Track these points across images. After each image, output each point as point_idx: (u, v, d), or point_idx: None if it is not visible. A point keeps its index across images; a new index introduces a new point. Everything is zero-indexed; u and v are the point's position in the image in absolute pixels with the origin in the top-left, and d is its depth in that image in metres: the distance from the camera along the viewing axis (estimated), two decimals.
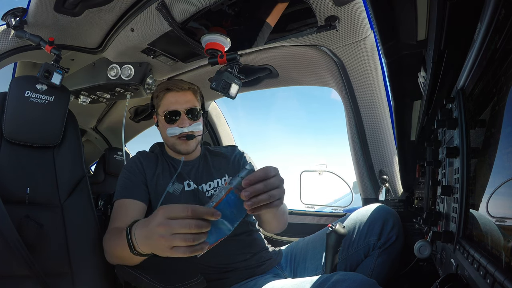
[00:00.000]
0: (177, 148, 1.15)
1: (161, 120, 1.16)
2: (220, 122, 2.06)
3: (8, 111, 1.09)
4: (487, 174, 0.46)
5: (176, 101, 1.12)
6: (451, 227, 0.65)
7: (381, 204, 1.19)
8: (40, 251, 0.98)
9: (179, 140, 1.13)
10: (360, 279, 0.74)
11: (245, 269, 1.06)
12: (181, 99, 1.12)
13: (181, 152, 1.15)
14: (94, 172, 2.45)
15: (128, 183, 1.09)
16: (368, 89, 1.23)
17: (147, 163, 1.14)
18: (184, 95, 1.13)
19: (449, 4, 0.46)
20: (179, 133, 1.11)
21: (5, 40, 1.19)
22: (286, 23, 1.06)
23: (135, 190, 1.07)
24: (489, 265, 0.40)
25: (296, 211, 1.63)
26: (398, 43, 0.66)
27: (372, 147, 1.35)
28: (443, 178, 0.78)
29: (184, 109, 1.12)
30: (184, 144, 1.13)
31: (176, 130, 1.11)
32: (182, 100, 1.12)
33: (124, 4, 1.02)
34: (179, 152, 1.16)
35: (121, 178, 1.12)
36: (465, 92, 0.60)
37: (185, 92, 1.14)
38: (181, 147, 1.14)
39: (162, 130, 1.17)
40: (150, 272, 0.86)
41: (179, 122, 1.12)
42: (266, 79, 1.52)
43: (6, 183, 1.03)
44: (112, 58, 1.33)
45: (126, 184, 1.09)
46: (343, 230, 0.99)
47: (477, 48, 0.47)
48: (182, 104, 1.12)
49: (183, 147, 1.14)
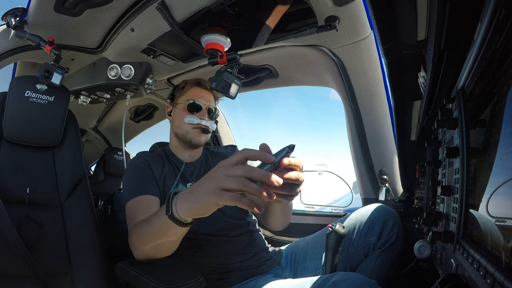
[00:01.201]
0: (189, 137, 1.15)
1: (180, 108, 1.17)
2: (220, 122, 2.06)
3: (8, 111, 1.09)
4: (487, 174, 0.46)
5: (202, 96, 1.18)
6: (451, 227, 0.65)
7: (381, 204, 1.19)
8: (40, 251, 0.98)
9: (193, 130, 1.15)
10: (360, 279, 0.74)
11: (245, 269, 1.06)
12: (206, 96, 1.19)
13: (191, 141, 1.15)
14: (94, 172, 2.45)
15: (139, 181, 1.06)
16: (368, 89, 1.23)
17: (153, 163, 1.13)
18: (209, 94, 1.21)
19: (449, 4, 0.46)
20: (197, 123, 1.14)
21: (5, 40, 1.19)
22: (286, 23, 1.06)
23: (149, 186, 1.05)
24: (489, 265, 0.40)
25: (296, 211, 1.63)
26: (398, 43, 0.66)
27: (372, 147, 1.35)
28: (443, 178, 0.78)
29: (207, 105, 1.18)
30: (197, 135, 1.16)
31: (195, 119, 1.14)
32: (207, 98, 1.19)
33: (124, 4, 1.02)
34: (189, 142, 1.16)
35: (129, 178, 1.08)
36: (465, 92, 0.60)
37: (210, 93, 1.21)
38: (193, 137, 1.15)
39: (177, 118, 1.17)
40: (150, 272, 0.85)
41: (200, 114, 1.16)
42: (266, 79, 1.52)
43: (6, 183, 1.03)
44: (112, 58, 1.33)
45: (137, 182, 1.05)
46: (343, 230, 0.99)
47: (477, 48, 0.47)
48: (206, 101, 1.18)
49: (196, 137, 1.15)
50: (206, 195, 0.61)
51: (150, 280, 0.83)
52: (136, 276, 0.86)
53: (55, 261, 1.02)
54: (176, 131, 1.19)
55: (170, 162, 1.18)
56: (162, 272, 0.87)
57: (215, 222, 1.07)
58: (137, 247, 0.88)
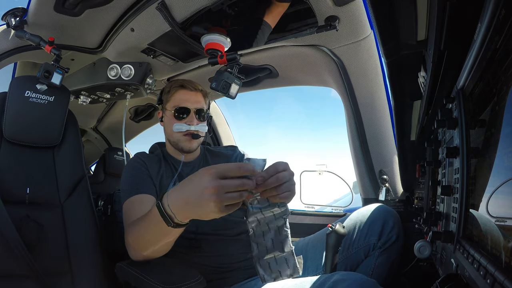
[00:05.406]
0: (180, 145, 1.15)
1: (168, 115, 1.16)
2: (220, 122, 2.06)
3: (8, 111, 1.09)
4: (487, 174, 0.46)
5: (188, 99, 1.14)
6: (451, 227, 0.65)
7: (381, 204, 1.19)
8: (40, 251, 0.98)
9: (184, 137, 1.14)
10: (360, 279, 0.74)
11: (245, 269, 1.06)
12: (193, 98, 1.15)
13: (183, 149, 1.15)
14: (94, 172, 2.45)
15: (136, 180, 1.07)
16: (368, 89, 1.23)
17: (150, 163, 1.13)
18: (196, 95, 1.16)
19: (449, 4, 0.46)
20: (185, 130, 1.12)
21: (5, 40, 1.19)
22: (286, 23, 1.06)
23: (146, 186, 1.06)
24: (489, 265, 0.40)
25: (296, 211, 1.63)
26: (398, 43, 0.66)
27: (372, 147, 1.35)
28: (443, 178, 0.78)
29: (194, 108, 1.15)
30: (188, 142, 1.14)
31: (183, 126, 1.12)
32: (193, 100, 1.15)
33: (124, 4, 1.02)
34: (181, 150, 1.16)
35: (126, 178, 1.09)
36: (465, 92, 0.60)
37: (197, 93, 1.17)
38: (185, 144, 1.15)
39: (167, 126, 1.17)
40: (150, 272, 0.86)
41: (188, 119, 1.14)
42: (266, 79, 1.52)
43: (6, 183, 1.03)
44: (112, 58, 1.33)
45: (134, 182, 1.07)
46: (343, 230, 0.99)
47: (477, 48, 0.47)
48: (192, 103, 1.15)
49: (187, 144, 1.15)
50: (210, 213, 0.66)
51: (150, 280, 0.83)
52: (136, 276, 0.86)
53: (55, 261, 1.01)
54: (168, 138, 1.20)
55: (167, 162, 1.18)
56: (162, 272, 0.87)
57: (213, 221, 1.07)
58: (132, 246, 0.89)
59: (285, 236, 0.77)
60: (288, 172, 0.73)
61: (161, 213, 0.72)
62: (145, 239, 0.84)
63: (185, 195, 0.68)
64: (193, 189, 0.66)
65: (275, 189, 0.71)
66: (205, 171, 0.65)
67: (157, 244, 0.82)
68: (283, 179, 0.71)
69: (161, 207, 0.72)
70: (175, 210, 0.70)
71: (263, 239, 0.77)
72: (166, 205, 0.71)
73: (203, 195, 0.64)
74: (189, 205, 0.68)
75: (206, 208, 0.65)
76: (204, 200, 0.64)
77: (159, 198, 0.74)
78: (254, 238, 0.77)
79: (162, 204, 0.72)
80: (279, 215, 0.77)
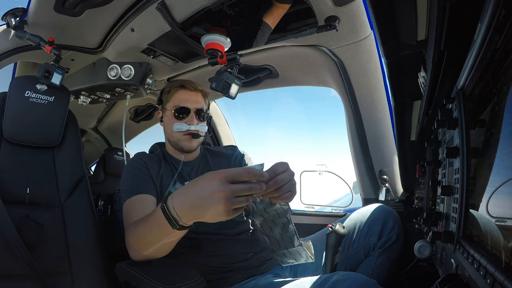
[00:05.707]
0: (181, 144, 1.15)
1: (168, 115, 1.16)
2: (220, 122, 2.06)
3: (8, 111, 1.09)
4: (487, 174, 0.46)
5: (188, 99, 1.15)
6: (451, 227, 0.65)
7: (381, 204, 1.19)
8: (40, 251, 0.98)
9: (184, 137, 1.15)
10: (360, 279, 0.74)
11: (246, 269, 1.06)
12: (193, 98, 1.16)
13: (183, 149, 1.16)
14: (94, 172, 2.45)
15: (136, 180, 1.07)
16: (368, 89, 1.23)
17: (150, 163, 1.14)
18: (196, 95, 1.17)
19: (449, 4, 0.46)
20: (186, 130, 1.13)
21: (5, 40, 1.19)
22: (286, 23, 1.06)
23: (146, 186, 1.06)
24: (489, 265, 0.40)
25: (296, 211, 1.63)
26: (398, 43, 0.66)
27: (372, 147, 1.35)
28: (443, 178, 0.78)
29: (194, 108, 1.15)
30: (188, 141, 1.15)
31: (183, 126, 1.13)
32: (193, 100, 1.16)
33: (124, 4, 1.02)
34: (181, 149, 1.16)
35: (126, 178, 1.09)
36: (465, 92, 0.60)
37: (197, 93, 1.18)
38: (185, 144, 1.15)
39: (167, 126, 1.18)
40: (150, 272, 0.86)
41: (188, 119, 1.14)
42: (266, 79, 1.52)
43: (6, 183, 1.03)
44: (112, 58, 1.33)
45: (134, 182, 1.07)
46: (343, 230, 0.99)
47: (477, 48, 0.47)
48: (192, 103, 1.15)
49: (187, 144, 1.15)
50: (217, 217, 0.67)
51: (150, 280, 0.83)
52: (136, 276, 0.86)
53: (55, 261, 1.01)
54: (168, 138, 1.20)
55: (167, 162, 1.18)
56: (162, 272, 0.88)
57: None
58: (133, 247, 0.89)
59: (292, 232, 0.80)
60: (288, 173, 0.73)
61: (166, 216, 0.72)
62: (147, 240, 0.84)
63: (191, 198, 0.69)
64: (200, 192, 0.66)
65: (276, 191, 0.71)
66: (214, 175, 0.66)
67: (158, 244, 0.82)
68: (283, 181, 0.71)
69: (166, 210, 0.72)
70: (180, 213, 0.70)
71: (272, 232, 0.80)
72: (171, 207, 0.71)
73: (212, 199, 0.64)
74: (195, 208, 0.68)
75: (214, 212, 0.65)
76: (213, 203, 0.64)
77: (163, 200, 0.74)
78: (263, 231, 0.81)
79: (167, 207, 0.72)
80: (282, 214, 0.79)
